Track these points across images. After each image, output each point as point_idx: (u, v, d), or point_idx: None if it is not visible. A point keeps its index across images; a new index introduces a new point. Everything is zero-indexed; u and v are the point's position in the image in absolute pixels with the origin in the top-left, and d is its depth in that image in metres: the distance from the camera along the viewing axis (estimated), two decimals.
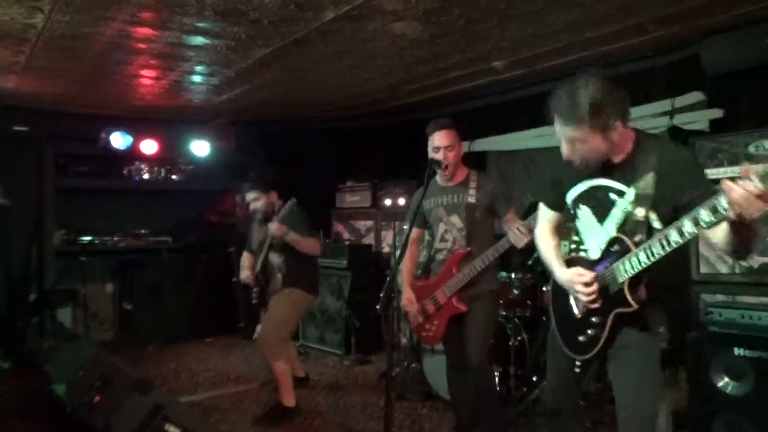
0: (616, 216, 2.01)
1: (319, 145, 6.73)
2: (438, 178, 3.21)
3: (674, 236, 1.77)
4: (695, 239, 3.28)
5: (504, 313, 4.05)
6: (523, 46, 4.02)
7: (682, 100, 4.14)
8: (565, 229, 2.36)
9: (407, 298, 3.30)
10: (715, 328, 3.12)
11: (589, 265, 2.08)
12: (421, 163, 3.27)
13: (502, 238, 3.04)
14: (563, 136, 2.00)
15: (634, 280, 1.93)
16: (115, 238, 6.48)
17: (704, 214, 1.67)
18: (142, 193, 6.75)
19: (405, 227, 3.42)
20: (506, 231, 3.05)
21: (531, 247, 4.58)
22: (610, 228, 2.04)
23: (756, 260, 3.28)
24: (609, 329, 2.01)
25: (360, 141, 6.88)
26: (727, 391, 2.98)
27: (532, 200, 4.60)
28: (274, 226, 3.74)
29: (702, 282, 3.51)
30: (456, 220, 3.15)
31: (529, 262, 4.57)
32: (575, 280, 2.05)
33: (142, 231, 6.68)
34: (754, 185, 1.51)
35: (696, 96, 4.09)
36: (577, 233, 2.21)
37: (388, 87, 5.12)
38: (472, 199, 3.11)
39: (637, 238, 1.93)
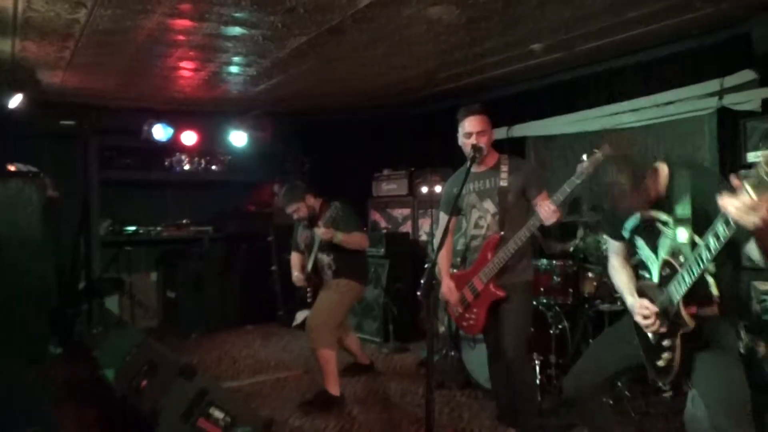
0: (666, 244, 2.12)
1: (354, 135, 6.73)
2: (474, 166, 3.14)
3: (705, 253, 1.85)
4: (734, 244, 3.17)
5: (545, 300, 3.99)
6: (562, 29, 3.91)
7: (731, 80, 3.97)
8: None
9: (447, 286, 3.27)
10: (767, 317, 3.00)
11: (653, 289, 2.17)
12: (456, 151, 3.24)
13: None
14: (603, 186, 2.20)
15: (689, 300, 2.00)
16: (158, 228, 6.65)
17: (720, 229, 1.75)
18: (183, 184, 6.90)
19: (442, 215, 3.37)
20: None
21: (566, 230, 4.57)
22: (662, 254, 2.14)
23: None
24: (680, 350, 2.07)
25: (395, 129, 6.86)
26: None
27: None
28: (321, 231, 3.82)
29: (754, 269, 3.37)
30: (489, 205, 3.12)
31: (571, 249, 4.49)
32: (637, 312, 2.16)
33: (184, 221, 6.84)
34: (748, 197, 1.56)
35: (747, 75, 3.91)
36: (641, 261, 2.31)
37: (423, 74, 5.07)
38: (504, 183, 3.06)
39: (682, 260, 2.01)
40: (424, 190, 6.17)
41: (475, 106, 3.16)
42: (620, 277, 2.40)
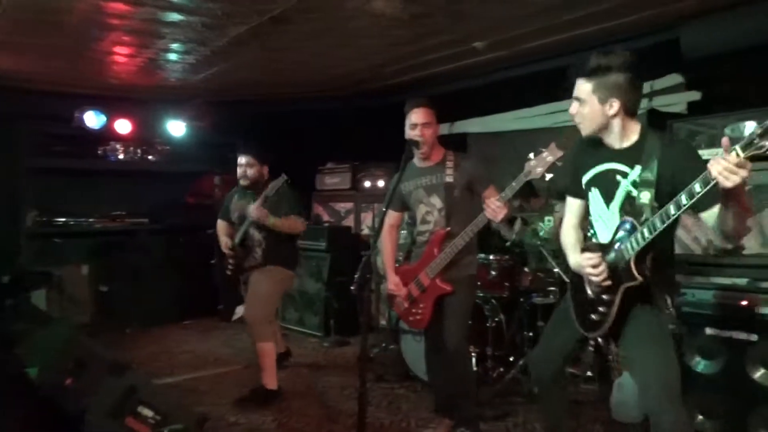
0: (619, 196, 2.18)
1: (299, 127, 6.65)
2: (416, 159, 3.20)
3: (672, 210, 1.91)
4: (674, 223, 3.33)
5: (482, 294, 4.07)
6: (503, 27, 3.99)
7: (660, 83, 4.17)
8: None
9: (394, 282, 3.27)
10: (688, 309, 3.17)
11: (599, 248, 2.22)
12: (402, 146, 3.25)
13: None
14: (574, 93, 2.21)
15: (640, 256, 2.06)
16: (91, 220, 6.35)
17: (697, 186, 1.80)
18: (118, 174, 6.61)
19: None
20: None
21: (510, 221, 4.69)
22: (614, 208, 2.20)
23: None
24: (618, 305, 2.14)
25: (341, 122, 6.82)
26: (699, 370, 3.04)
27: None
28: (253, 209, 3.72)
29: (677, 263, 3.55)
30: (436, 200, 3.16)
31: (508, 244, 4.60)
32: (584, 264, 2.21)
33: (119, 212, 6.56)
34: (736, 154, 1.65)
35: (674, 78, 4.12)
36: (590, 218, 2.37)
37: (369, 68, 5.07)
38: (450, 179, 3.10)
39: (642, 218, 2.06)
40: (368, 184, 6.18)
41: (422, 98, 3.20)
42: (569, 238, 2.46)
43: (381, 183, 6.01)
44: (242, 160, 3.95)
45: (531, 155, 2.79)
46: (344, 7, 3.49)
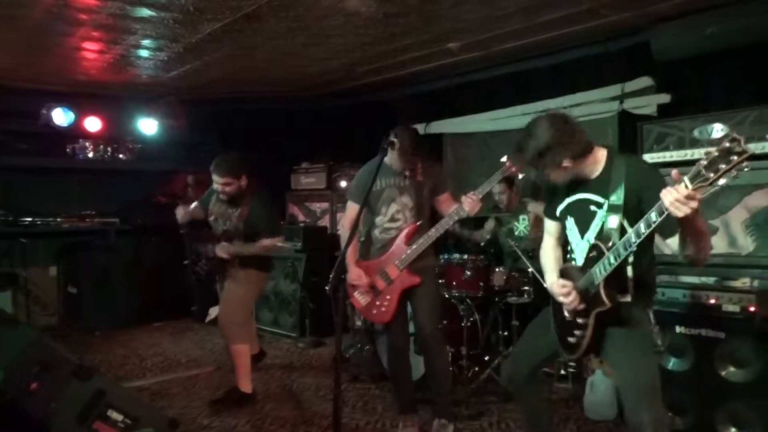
0: (596, 226, 2.22)
1: (274, 126, 6.60)
2: (388, 159, 3.20)
3: (633, 238, 1.95)
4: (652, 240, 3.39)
5: (457, 294, 4.08)
6: (478, 28, 4.01)
7: (632, 85, 4.23)
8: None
9: (356, 273, 3.27)
10: (658, 308, 3.21)
11: (576, 271, 2.26)
12: (376, 145, 3.24)
13: (450, 211, 3.14)
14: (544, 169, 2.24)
15: (609, 282, 2.10)
16: (59, 219, 6.20)
17: (653, 215, 1.85)
18: (87, 173, 6.46)
19: (352, 204, 3.35)
20: (442, 210, 3.27)
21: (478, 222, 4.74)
22: (590, 236, 2.24)
23: None
24: (592, 328, 2.18)
25: (316, 122, 6.78)
26: (669, 367, 3.09)
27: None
28: (219, 249, 3.71)
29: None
30: (407, 199, 3.25)
31: (482, 244, 4.62)
32: (556, 291, 2.27)
33: (88, 212, 6.41)
34: (684, 187, 1.68)
35: (645, 81, 4.18)
36: (568, 242, 2.40)
37: (343, 67, 5.05)
38: (420, 178, 3.24)
39: (610, 244, 2.09)
40: (343, 183, 6.15)
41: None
42: (548, 258, 2.49)
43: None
44: (218, 179, 3.73)
45: (504, 158, 2.99)
46: (318, 6, 3.47)
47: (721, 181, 1.61)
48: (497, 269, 4.16)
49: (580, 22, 3.91)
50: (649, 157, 3.55)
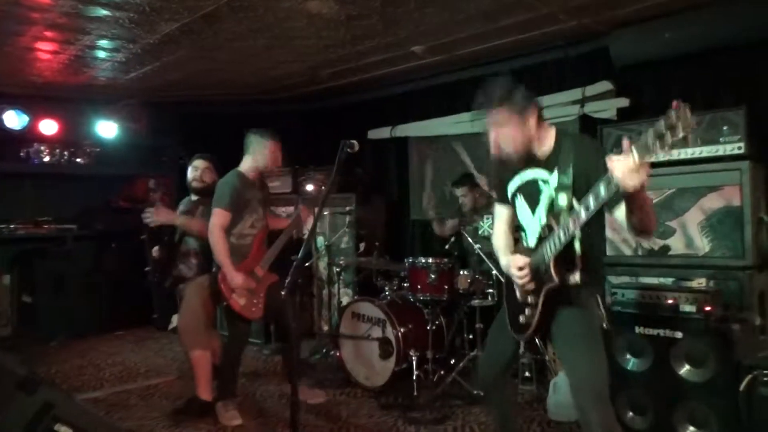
0: (543, 202, 2.23)
1: (238, 129, 6.47)
2: (248, 172, 3.68)
3: (582, 213, 1.95)
4: (602, 224, 3.43)
5: (422, 297, 4.07)
6: (441, 32, 4.02)
7: (592, 89, 4.30)
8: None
9: (242, 278, 3.52)
10: (618, 308, 3.25)
11: (528, 252, 2.28)
12: (336, 149, 3.21)
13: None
14: (488, 124, 2.26)
15: (559, 259, 2.11)
16: (12, 226, 5.97)
17: (601, 189, 1.85)
18: (43, 177, 6.25)
19: (255, 217, 3.72)
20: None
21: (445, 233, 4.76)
22: (541, 214, 2.24)
23: (656, 242, 3.47)
24: (542, 306, 2.20)
25: (280, 125, 6.67)
26: (629, 368, 3.12)
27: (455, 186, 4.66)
28: (151, 212, 3.78)
29: (608, 264, 3.66)
30: (261, 210, 3.74)
31: (446, 247, 4.62)
32: (511, 265, 2.28)
33: (44, 218, 6.20)
34: (632, 159, 1.68)
35: (605, 85, 4.25)
36: (518, 225, 2.42)
37: (306, 70, 5.00)
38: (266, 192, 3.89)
39: (560, 221, 2.10)
40: (309, 187, 6.07)
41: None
42: (500, 241, 2.50)
43: (323, 186, 5.92)
44: (199, 163, 4.00)
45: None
46: (279, 7, 3.42)
47: (666, 151, 1.60)
48: (462, 272, 4.16)
49: (539, 27, 3.96)
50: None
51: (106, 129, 6.00)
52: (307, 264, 5.45)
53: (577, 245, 2.13)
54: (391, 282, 4.55)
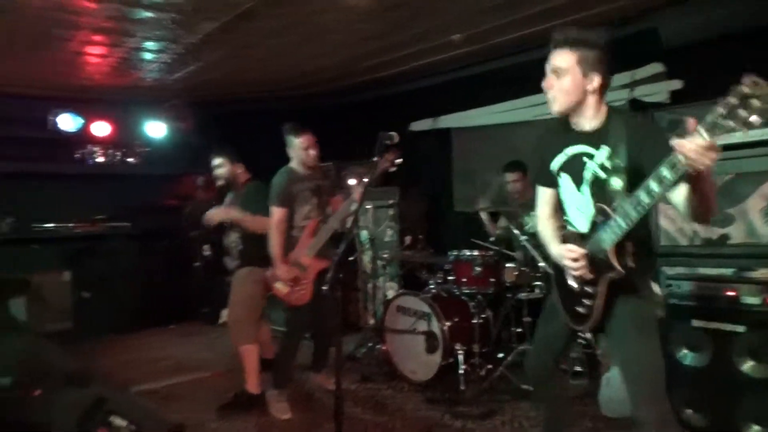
0: (587, 178, 2.12)
1: (278, 126, 6.54)
2: (299, 167, 3.79)
3: (644, 197, 1.83)
4: (656, 212, 3.28)
5: (467, 291, 4.01)
6: (480, 19, 3.92)
7: (641, 72, 4.11)
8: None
9: (286, 269, 3.63)
10: (674, 300, 3.11)
11: (580, 238, 2.16)
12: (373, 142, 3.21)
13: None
14: (551, 65, 2.12)
15: (619, 247, 2.00)
16: (71, 225, 6.23)
17: (665, 171, 1.73)
18: (97, 178, 6.47)
19: (308, 208, 3.81)
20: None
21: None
22: (585, 191, 2.14)
23: (714, 231, 3.29)
24: (603, 297, 2.08)
25: (320, 120, 6.71)
26: (686, 363, 2.98)
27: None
28: (209, 213, 3.92)
29: (663, 255, 3.50)
30: (314, 200, 3.80)
31: (492, 239, 4.54)
32: (564, 256, 2.15)
33: (99, 217, 6.44)
34: (702, 138, 1.58)
35: (655, 68, 4.06)
36: (563, 207, 2.30)
37: (342, 63, 4.97)
38: (323, 183, 3.93)
39: (614, 205, 2.00)
40: (351, 182, 6.07)
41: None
42: (546, 228, 2.37)
43: (365, 180, 5.91)
44: (214, 161, 4.08)
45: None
46: (314, 1, 3.41)
47: (744, 128, 1.49)
48: (508, 264, 4.07)
49: (584, 9, 3.80)
50: None
51: (155, 129, 6.15)
52: (351, 258, 5.46)
53: (632, 231, 1.99)
54: (436, 275, 4.51)
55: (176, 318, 6.31)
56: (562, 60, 2.08)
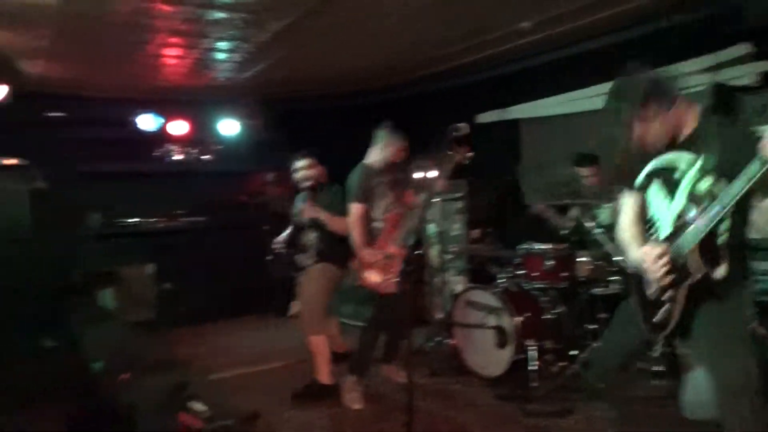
0: (684, 187, 2.04)
1: (347, 121, 6.61)
2: (377, 163, 3.88)
3: (729, 197, 1.79)
4: (748, 211, 3.09)
5: (538, 285, 3.91)
6: (550, 5, 3.80)
7: (726, 54, 3.85)
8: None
9: (370, 253, 3.71)
10: (765, 298, 2.91)
11: (662, 244, 2.09)
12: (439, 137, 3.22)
13: None
14: (630, 121, 2.08)
15: (702, 250, 1.93)
16: (153, 220, 6.58)
17: (753, 168, 1.70)
18: (174, 175, 6.79)
19: (386, 202, 3.86)
20: None
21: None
22: (679, 201, 2.06)
23: None
24: (682, 304, 2.02)
25: (386, 115, 6.73)
26: None
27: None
28: (303, 209, 3.92)
29: (752, 248, 3.27)
30: (392, 195, 3.87)
31: (565, 232, 4.41)
32: (645, 258, 2.09)
33: (178, 212, 6.76)
34: None
35: (742, 49, 3.80)
36: (647, 211, 2.24)
37: (408, 56, 4.96)
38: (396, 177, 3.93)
39: (701, 207, 1.94)
40: (418, 175, 6.04)
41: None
42: (629, 232, 2.30)
43: (434, 173, 5.87)
44: (301, 163, 4.09)
45: None
46: None
47: None
48: (581, 258, 3.93)
49: None
50: None
51: (229, 127, 6.36)
52: (419, 252, 5.45)
53: (723, 234, 1.93)
54: (505, 269, 4.42)
55: (249, 310, 6.51)
56: (645, 112, 2.05)
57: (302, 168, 4.08)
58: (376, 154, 3.93)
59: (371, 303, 4.64)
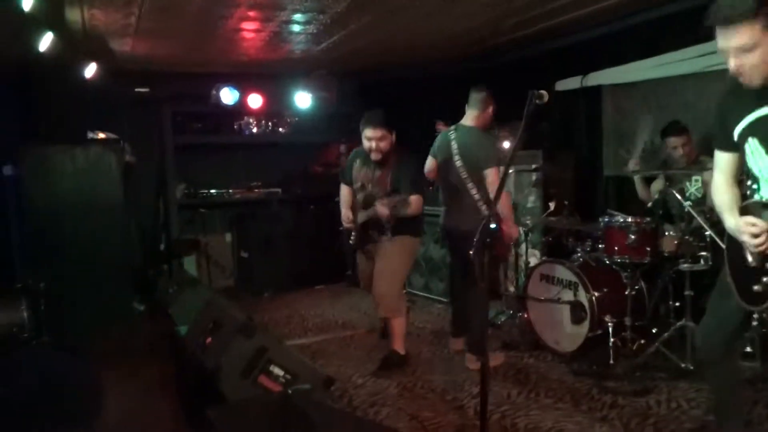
0: None
1: (420, 92, 6.53)
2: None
3: None
4: None
5: (619, 260, 3.75)
6: None
7: None
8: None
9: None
10: None
11: (764, 207, 1.96)
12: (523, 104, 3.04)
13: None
14: (729, 47, 1.89)
15: None
16: (230, 191, 6.84)
17: None
18: (251, 147, 7.02)
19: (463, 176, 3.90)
20: None
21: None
22: None
23: None
24: None
25: (464, 85, 6.59)
26: None
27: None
28: (381, 209, 3.60)
29: None
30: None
31: (649, 205, 4.20)
32: (743, 230, 1.96)
33: (254, 183, 6.99)
34: None
35: None
36: (748, 173, 2.08)
37: (487, 22, 4.79)
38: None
39: None
40: (505, 145, 5.88)
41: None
42: (723, 197, 2.15)
43: (506, 144, 5.72)
44: (372, 133, 3.71)
45: None
46: None
47: None
48: (667, 233, 3.73)
49: None
50: None
51: (303, 100, 6.45)
52: (493, 225, 5.35)
53: None
54: (583, 243, 4.27)
55: (324, 279, 6.66)
56: (744, 36, 1.83)
57: (374, 138, 3.72)
58: (475, 118, 3.98)
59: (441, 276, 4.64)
